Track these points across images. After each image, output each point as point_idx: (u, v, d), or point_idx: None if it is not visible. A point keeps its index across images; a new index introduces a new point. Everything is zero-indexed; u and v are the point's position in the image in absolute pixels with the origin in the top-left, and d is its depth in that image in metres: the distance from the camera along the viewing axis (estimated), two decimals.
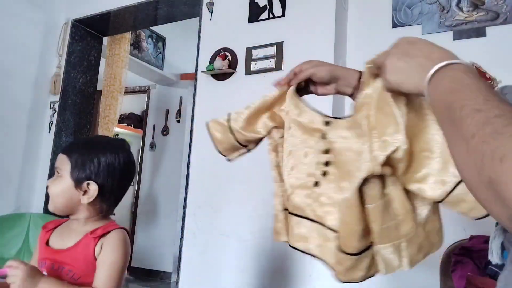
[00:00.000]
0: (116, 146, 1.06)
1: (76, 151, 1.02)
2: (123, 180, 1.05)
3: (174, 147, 4.32)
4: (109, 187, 1.01)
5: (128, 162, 1.06)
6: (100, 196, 0.99)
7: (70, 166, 0.99)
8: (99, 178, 0.99)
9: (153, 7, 2.76)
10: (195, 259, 2.14)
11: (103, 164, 1.00)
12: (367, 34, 2.09)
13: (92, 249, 0.96)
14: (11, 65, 2.80)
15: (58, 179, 1.00)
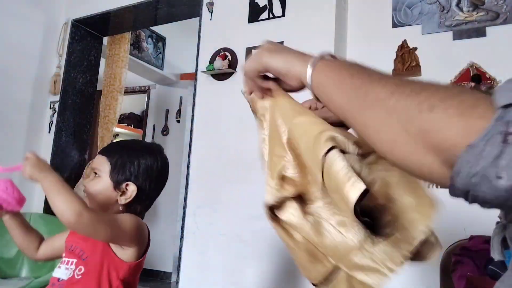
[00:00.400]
0: (155, 150, 1.08)
1: (116, 152, 1.03)
2: (159, 184, 1.07)
3: (174, 147, 4.32)
4: (147, 189, 1.02)
5: (165, 166, 1.08)
6: (137, 198, 1.01)
7: (110, 167, 1.00)
8: (138, 180, 1.01)
9: (153, 7, 2.76)
10: (195, 259, 2.13)
11: (143, 166, 1.01)
12: (367, 34, 2.09)
13: None
14: (11, 65, 2.80)
15: (96, 180, 1.01)
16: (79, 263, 0.95)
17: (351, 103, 0.44)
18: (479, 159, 0.31)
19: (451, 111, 0.33)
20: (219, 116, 2.22)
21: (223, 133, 2.19)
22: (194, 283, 2.12)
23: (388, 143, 0.39)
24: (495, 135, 0.30)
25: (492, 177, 0.30)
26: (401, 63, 1.97)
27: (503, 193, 0.30)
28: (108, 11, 2.88)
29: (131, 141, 1.13)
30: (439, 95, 0.35)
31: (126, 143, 1.11)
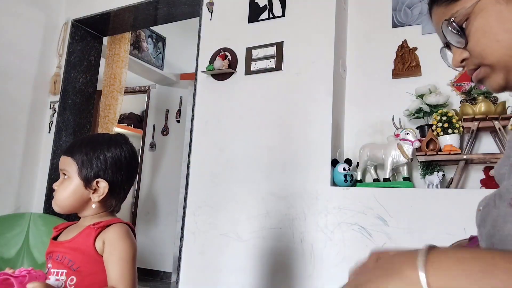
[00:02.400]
0: (119, 141, 1.05)
1: (79, 150, 1.01)
2: (130, 173, 1.05)
3: (174, 147, 4.32)
4: (118, 182, 1.01)
5: (132, 154, 1.06)
6: (110, 193, 0.99)
7: (77, 167, 0.99)
8: (108, 175, 0.99)
9: (153, 7, 2.76)
10: (195, 259, 2.13)
11: (110, 160, 0.99)
12: (367, 34, 2.09)
13: (93, 239, 0.94)
14: (11, 65, 2.80)
15: (66, 181, 0.99)
16: (69, 273, 0.94)
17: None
18: None
19: None
20: (219, 116, 2.22)
21: (223, 133, 2.19)
22: (194, 283, 2.12)
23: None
24: None
25: None
26: (401, 63, 1.97)
27: None
28: (108, 11, 2.88)
29: (93, 136, 1.09)
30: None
31: (89, 139, 1.08)
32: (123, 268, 0.93)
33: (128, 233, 0.98)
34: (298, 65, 2.03)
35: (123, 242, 0.95)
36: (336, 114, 1.95)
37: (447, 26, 0.61)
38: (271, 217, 1.96)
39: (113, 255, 0.93)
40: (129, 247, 0.95)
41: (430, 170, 1.76)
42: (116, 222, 0.99)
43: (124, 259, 0.93)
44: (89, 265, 0.94)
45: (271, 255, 1.93)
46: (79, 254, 0.95)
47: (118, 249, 0.94)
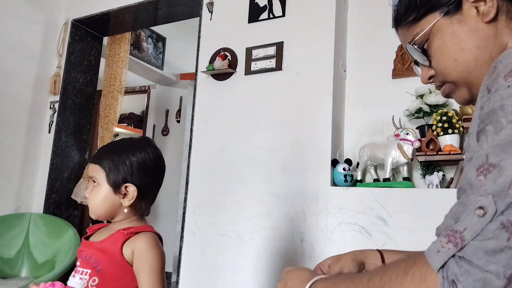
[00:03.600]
0: (143, 144, 1.07)
1: (105, 157, 1.03)
2: (157, 175, 1.07)
3: (174, 147, 4.32)
4: (146, 184, 1.03)
5: (157, 156, 1.07)
6: (139, 196, 1.02)
7: (105, 173, 1.01)
8: (136, 178, 1.01)
9: (153, 7, 2.76)
10: (195, 259, 2.13)
11: (135, 164, 1.01)
12: (367, 34, 2.09)
13: (120, 244, 0.96)
14: (11, 65, 2.80)
15: (96, 188, 1.02)
16: (93, 274, 0.96)
17: None
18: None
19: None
20: (219, 116, 2.22)
21: (223, 133, 2.19)
22: (194, 283, 2.12)
23: None
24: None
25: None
26: (401, 63, 1.97)
27: None
28: (108, 11, 2.88)
29: (118, 142, 1.11)
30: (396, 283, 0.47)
31: (114, 145, 1.11)
32: (153, 279, 0.94)
33: (157, 243, 1.00)
34: (298, 65, 2.03)
35: (152, 253, 0.96)
36: (336, 114, 1.95)
37: (411, 46, 0.65)
38: (271, 217, 1.96)
39: (144, 267, 0.95)
40: (158, 257, 0.97)
41: (430, 170, 1.76)
42: (145, 230, 1.01)
43: (155, 270, 0.95)
44: (113, 269, 0.96)
45: (271, 255, 1.93)
46: (105, 257, 0.97)
47: (148, 260, 0.95)
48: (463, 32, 0.59)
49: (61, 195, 2.99)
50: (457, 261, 0.42)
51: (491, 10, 0.58)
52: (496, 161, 0.43)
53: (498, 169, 0.42)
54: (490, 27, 0.58)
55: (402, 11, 0.66)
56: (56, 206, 2.93)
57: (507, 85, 0.46)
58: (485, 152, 0.45)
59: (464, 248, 0.42)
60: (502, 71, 0.48)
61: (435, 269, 0.42)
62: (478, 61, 0.59)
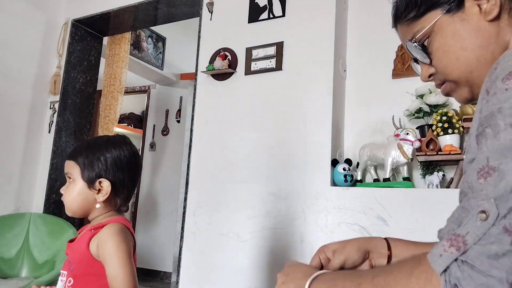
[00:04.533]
0: (117, 141, 1.09)
1: (80, 153, 1.05)
2: (132, 172, 1.09)
3: (174, 147, 4.32)
4: (120, 180, 1.04)
5: (132, 153, 1.09)
6: (114, 191, 1.03)
7: (79, 169, 1.03)
8: (110, 174, 1.03)
9: (153, 7, 2.76)
10: (195, 259, 2.13)
11: (109, 160, 1.03)
12: (367, 34, 2.09)
13: (87, 241, 0.97)
14: (11, 65, 2.80)
15: (71, 185, 1.04)
16: (69, 275, 0.98)
17: None
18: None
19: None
20: (219, 116, 2.22)
21: (223, 133, 2.19)
22: (194, 283, 2.12)
23: None
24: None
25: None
26: (401, 63, 1.97)
27: None
28: (108, 11, 2.88)
29: (93, 139, 1.13)
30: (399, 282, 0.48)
31: (89, 141, 1.14)
32: (115, 266, 0.93)
33: (120, 231, 0.99)
34: (298, 65, 2.03)
35: (113, 239, 0.95)
36: (336, 114, 1.95)
37: (411, 44, 0.64)
38: (271, 217, 1.96)
39: (105, 255, 0.95)
40: (119, 243, 0.95)
41: (430, 170, 1.76)
42: (111, 222, 1.01)
43: (118, 257, 0.93)
44: (82, 268, 0.97)
45: (271, 255, 1.93)
46: (77, 256, 0.99)
47: (108, 247, 0.95)
48: (465, 31, 0.58)
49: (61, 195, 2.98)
50: (459, 265, 0.42)
51: (494, 8, 0.57)
52: (496, 164, 0.43)
53: (498, 173, 0.42)
54: (493, 26, 0.57)
55: (402, 8, 0.65)
56: (56, 206, 2.93)
57: (505, 88, 0.45)
58: (485, 156, 0.45)
59: (466, 252, 0.41)
60: (500, 74, 0.47)
61: (437, 272, 0.43)
62: (480, 60, 0.58)
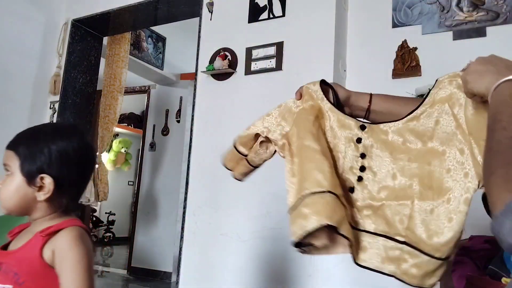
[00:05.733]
0: (66, 131, 0.94)
1: (21, 143, 0.91)
2: (82, 168, 0.93)
3: (174, 147, 4.32)
4: (66, 178, 0.89)
5: (83, 146, 0.93)
6: (58, 190, 0.87)
7: (19, 161, 0.88)
8: (53, 170, 0.87)
9: (153, 7, 2.76)
10: (195, 259, 2.13)
11: (54, 153, 0.87)
12: (367, 34, 2.09)
13: (39, 249, 0.83)
14: (11, 65, 2.80)
15: (8, 178, 0.88)
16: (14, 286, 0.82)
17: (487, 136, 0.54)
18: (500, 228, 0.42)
19: (498, 180, 0.44)
20: (219, 116, 2.22)
21: (223, 133, 2.19)
22: (194, 283, 2.12)
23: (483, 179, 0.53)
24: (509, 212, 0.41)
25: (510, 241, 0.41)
26: (401, 63, 1.97)
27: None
28: (108, 11, 2.88)
29: (39, 127, 0.97)
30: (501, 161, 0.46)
31: (34, 129, 0.96)
32: (77, 278, 0.81)
33: (81, 237, 0.86)
34: (298, 65, 2.03)
35: (75, 249, 0.83)
36: None
37: None
38: (271, 217, 1.96)
39: (65, 265, 0.82)
40: (82, 254, 0.83)
41: None
42: (67, 225, 0.86)
43: (78, 268, 0.82)
44: (35, 280, 0.83)
45: (271, 255, 1.93)
46: (25, 267, 0.83)
47: (69, 258, 0.82)
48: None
49: None
50: None
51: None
52: None
53: None
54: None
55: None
56: None
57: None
58: None
59: None
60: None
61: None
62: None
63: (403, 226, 0.69)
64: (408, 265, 0.67)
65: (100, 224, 6.61)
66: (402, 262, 0.68)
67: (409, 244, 0.68)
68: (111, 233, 6.75)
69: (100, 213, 6.69)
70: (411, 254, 0.67)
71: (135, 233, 4.37)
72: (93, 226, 6.28)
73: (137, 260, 4.30)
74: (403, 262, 0.68)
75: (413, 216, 0.68)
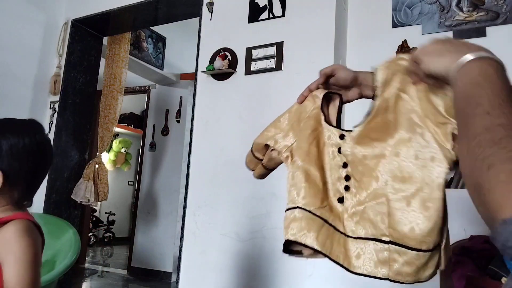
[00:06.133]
0: (19, 126, 0.95)
1: None
2: (34, 163, 0.95)
3: (174, 147, 4.32)
4: (17, 172, 0.91)
5: (37, 142, 0.95)
6: (9, 184, 0.89)
7: None
8: (2, 164, 0.89)
9: (153, 7, 2.76)
10: (195, 259, 2.14)
11: (5, 147, 0.89)
12: (367, 34, 2.09)
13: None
14: (11, 65, 2.80)
15: None
16: None
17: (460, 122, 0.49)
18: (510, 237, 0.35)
19: (502, 176, 0.37)
20: (219, 116, 2.22)
21: (223, 133, 2.19)
22: (194, 283, 2.12)
23: (463, 174, 0.45)
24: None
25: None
26: None
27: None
28: (108, 11, 2.88)
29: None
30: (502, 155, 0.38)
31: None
32: (20, 270, 0.82)
33: (28, 230, 0.88)
34: (298, 65, 2.03)
35: (19, 241, 0.85)
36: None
37: None
38: (271, 217, 1.96)
39: (9, 257, 0.83)
40: (27, 246, 0.85)
41: None
42: (16, 218, 0.89)
43: (22, 260, 0.83)
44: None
45: (271, 255, 1.93)
46: None
47: (13, 249, 0.84)
48: None
49: (61, 195, 2.99)
50: None
51: None
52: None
53: None
54: None
55: None
56: (56, 206, 2.94)
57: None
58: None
59: None
60: None
61: None
62: None
63: (385, 225, 0.68)
64: (399, 264, 0.66)
65: (100, 224, 6.61)
66: (393, 262, 0.67)
67: (394, 243, 0.67)
68: (111, 233, 6.75)
69: (100, 213, 6.69)
70: (399, 253, 0.66)
71: (135, 233, 4.37)
72: (93, 226, 6.28)
73: (137, 260, 4.30)
74: (393, 262, 0.67)
75: (391, 213, 0.67)
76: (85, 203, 3.18)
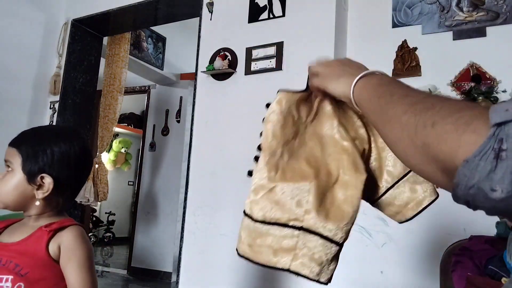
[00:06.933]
0: (69, 135, 0.98)
1: (25, 142, 0.94)
2: (80, 171, 0.98)
3: (174, 147, 4.32)
4: (65, 179, 0.93)
5: (84, 150, 0.97)
6: (56, 190, 0.91)
7: (21, 159, 0.91)
8: (54, 170, 0.91)
9: (153, 7, 2.76)
10: (195, 259, 2.14)
11: (57, 154, 0.91)
12: (367, 34, 2.09)
13: (45, 243, 0.87)
14: (11, 65, 2.80)
15: (9, 174, 0.91)
16: (17, 279, 0.85)
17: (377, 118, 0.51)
18: (475, 173, 0.34)
19: (448, 127, 0.38)
20: (219, 116, 2.22)
21: (223, 133, 2.19)
22: (194, 283, 2.12)
23: (402, 153, 0.46)
24: (488, 152, 0.34)
25: (487, 189, 0.33)
26: (401, 63, 1.97)
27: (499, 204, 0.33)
28: (108, 11, 2.88)
29: (42, 128, 1.03)
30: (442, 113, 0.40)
31: (37, 130, 1.00)
32: (83, 274, 0.88)
33: (84, 236, 0.93)
34: (298, 65, 2.03)
35: (80, 247, 0.90)
36: None
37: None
38: None
39: (72, 261, 0.88)
40: (87, 251, 0.90)
41: None
42: (69, 224, 0.92)
43: (84, 265, 0.89)
44: (39, 271, 0.87)
45: None
46: (27, 259, 0.87)
47: (76, 254, 0.88)
48: None
49: None
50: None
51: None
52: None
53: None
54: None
55: None
56: None
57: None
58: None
59: None
60: None
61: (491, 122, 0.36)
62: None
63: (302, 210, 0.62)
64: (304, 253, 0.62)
65: (100, 224, 6.61)
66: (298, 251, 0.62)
67: (307, 230, 0.62)
68: (111, 233, 6.75)
69: (100, 213, 6.69)
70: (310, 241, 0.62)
71: (135, 233, 4.37)
72: (93, 226, 6.28)
73: (137, 260, 4.30)
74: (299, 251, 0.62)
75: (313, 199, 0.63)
76: (85, 203, 3.19)
